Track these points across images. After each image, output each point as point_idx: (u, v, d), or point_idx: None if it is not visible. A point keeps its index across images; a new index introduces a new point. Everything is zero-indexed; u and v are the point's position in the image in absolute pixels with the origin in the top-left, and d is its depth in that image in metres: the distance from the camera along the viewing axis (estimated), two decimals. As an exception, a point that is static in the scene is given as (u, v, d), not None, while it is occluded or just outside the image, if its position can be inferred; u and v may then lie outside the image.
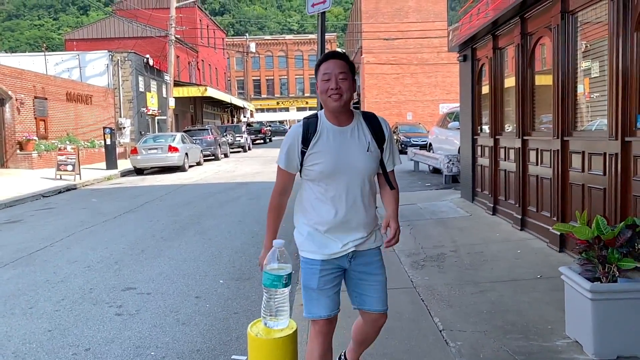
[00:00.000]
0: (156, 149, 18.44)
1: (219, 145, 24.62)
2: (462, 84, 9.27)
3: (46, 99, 19.72)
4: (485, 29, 7.21)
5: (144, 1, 37.94)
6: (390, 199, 2.51)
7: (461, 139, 9.57)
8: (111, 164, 18.92)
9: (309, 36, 70.51)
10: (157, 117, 29.30)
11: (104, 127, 20.14)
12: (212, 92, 34.29)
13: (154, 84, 29.21)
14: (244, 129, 33.34)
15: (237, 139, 30.64)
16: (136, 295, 4.92)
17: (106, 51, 26.52)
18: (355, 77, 2.37)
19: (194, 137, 22.40)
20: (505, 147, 7.15)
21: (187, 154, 19.16)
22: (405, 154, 17.21)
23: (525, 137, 6.34)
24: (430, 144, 15.91)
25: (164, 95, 29.26)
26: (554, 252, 5.34)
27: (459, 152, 10.51)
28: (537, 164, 6.05)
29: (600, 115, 4.85)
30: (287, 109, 69.78)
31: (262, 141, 41.53)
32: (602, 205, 4.59)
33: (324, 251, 2.34)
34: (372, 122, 2.41)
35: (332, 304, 2.36)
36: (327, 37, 5.80)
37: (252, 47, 59.68)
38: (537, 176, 6.04)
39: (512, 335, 3.43)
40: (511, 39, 6.70)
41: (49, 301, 4.82)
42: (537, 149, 6.04)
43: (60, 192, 13.56)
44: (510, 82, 7.01)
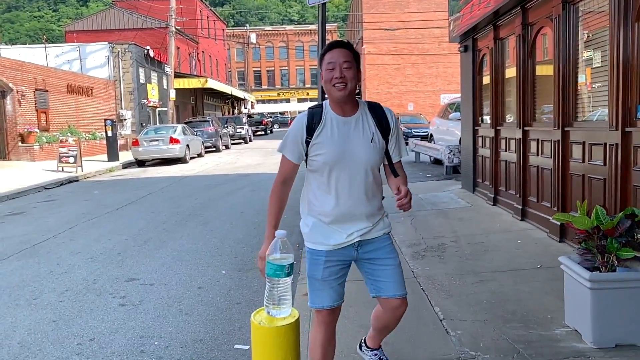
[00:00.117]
0: (157, 140, 18.46)
1: (220, 136, 24.62)
2: (463, 74, 9.25)
3: (47, 91, 19.71)
4: (486, 19, 7.19)
5: (143, -8, 37.78)
6: (397, 180, 2.40)
7: (462, 130, 9.58)
8: (112, 155, 18.97)
9: (310, 27, 70.18)
10: (158, 109, 29.29)
11: (105, 119, 20.15)
12: (213, 84, 34.25)
13: (154, 76, 29.16)
14: (244, 120, 33.34)
15: (238, 130, 30.63)
16: (139, 286, 4.97)
17: (106, 43, 26.47)
18: (359, 67, 2.34)
19: (195, 129, 22.40)
20: (506, 138, 7.15)
21: (188, 145, 19.18)
22: (406, 144, 17.18)
23: (526, 128, 6.35)
24: (431, 135, 15.90)
25: (165, 86, 29.23)
26: (554, 242, 5.37)
27: (460, 142, 10.51)
28: (537, 155, 6.06)
29: (601, 105, 4.85)
30: (288, 100, 69.64)
31: (263, 132, 41.54)
32: (602, 195, 4.61)
33: (328, 242, 2.35)
34: (377, 112, 2.39)
35: (336, 295, 2.39)
36: (327, 27, 5.79)
37: (253, 38, 59.46)
38: (537, 167, 6.06)
39: (512, 324, 3.47)
40: (512, 29, 6.68)
41: (53, 292, 4.86)
42: (538, 140, 6.05)
43: (62, 184, 13.60)
44: (511, 72, 7.00)
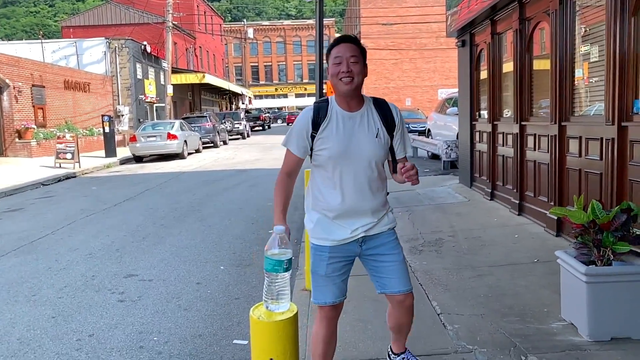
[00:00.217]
0: (155, 136, 18.43)
1: (218, 132, 24.58)
2: (460, 69, 9.26)
3: (44, 87, 19.65)
4: (483, 13, 7.19)
5: (140, -13, 37.61)
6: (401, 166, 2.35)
7: (459, 125, 9.59)
8: (110, 151, 18.92)
9: (307, 22, 69.97)
10: (155, 105, 29.21)
11: (103, 115, 20.10)
12: (210, 79, 34.17)
13: (151, 71, 29.08)
14: (242, 115, 33.27)
15: (236, 125, 30.56)
16: (138, 281, 4.98)
17: (103, 38, 26.36)
18: (366, 62, 2.35)
19: (193, 125, 22.36)
20: (503, 133, 7.17)
21: (186, 141, 19.15)
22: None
23: (523, 123, 6.37)
24: (429, 130, 15.90)
25: (162, 82, 29.16)
26: (551, 237, 5.39)
27: (457, 137, 10.52)
28: (534, 149, 6.08)
29: (598, 100, 4.86)
30: (285, 95, 69.51)
31: (260, 128, 41.46)
32: (598, 189, 4.63)
33: (333, 237, 2.36)
34: (382, 108, 2.40)
35: (338, 292, 2.41)
36: (325, 22, 5.78)
37: (250, 33, 59.32)
38: (534, 161, 6.08)
39: (509, 318, 3.49)
40: (509, 24, 6.68)
41: (52, 288, 4.87)
42: (535, 135, 6.06)
43: (59, 181, 13.59)
44: (508, 67, 7.01)
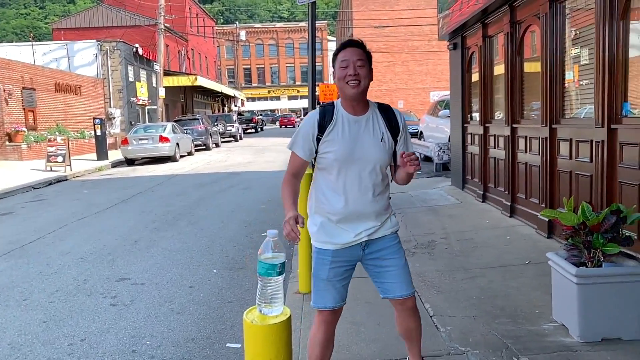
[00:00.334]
0: (147, 139, 18.35)
1: (210, 134, 24.52)
2: (452, 72, 9.31)
3: (34, 90, 19.52)
4: (475, 17, 7.24)
5: (132, -11, 37.48)
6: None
7: (451, 127, 9.64)
8: (102, 154, 18.83)
9: (300, 24, 70.05)
10: (147, 107, 29.11)
11: (94, 118, 20.01)
12: (203, 81, 34.10)
13: (143, 74, 28.98)
14: (235, 118, 33.22)
15: (229, 128, 30.51)
16: (130, 285, 4.96)
17: (94, 41, 26.25)
18: (372, 66, 2.38)
19: (185, 127, 22.28)
20: (494, 135, 7.22)
21: (178, 144, 19.09)
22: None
23: (514, 125, 6.41)
24: (421, 132, 15.96)
25: (154, 84, 29.07)
26: (542, 238, 5.43)
27: (449, 140, 10.57)
28: (526, 152, 6.13)
29: (588, 102, 4.91)
30: (278, 98, 69.52)
31: (253, 130, 41.42)
32: (589, 191, 4.68)
33: (336, 241, 2.37)
34: (387, 113, 2.43)
35: (338, 297, 2.41)
36: (317, 25, 5.80)
37: (242, 35, 59.33)
38: (526, 163, 6.12)
39: (501, 319, 3.51)
40: (500, 27, 6.73)
41: (43, 293, 4.84)
42: (526, 137, 6.11)
43: (50, 184, 13.50)
44: (499, 70, 7.06)
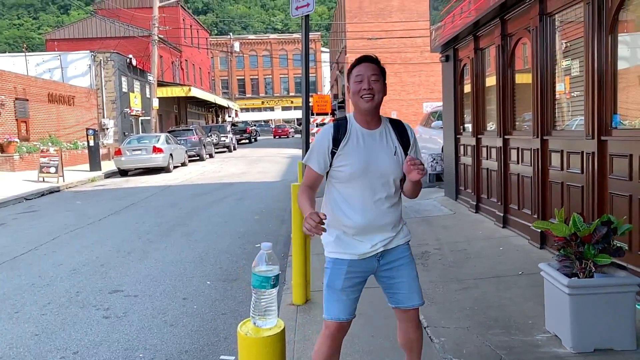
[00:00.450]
0: (140, 150, 18.31)
1: (204, 145, 24.51)
2: (444, 84, 9.39)
3: (27, 100, 19.47)
4: (467, 29, 7.33)
5: (126, 0, 37.60)
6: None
7: (444, 138, 9.70)
8: (95, 165, 18.74)
9: (293, 35, 70.47)
10: (140, 118, 29.07)
11: (87, 128, 19.93)
12: (196, 92, 34.13)
13: (137, 84, 28.98)
14: (228, 128, 33.27)
15: (222, 139, 30.54)
16: (123, 297, 4.93)
17: (88, 51, 26.25)
18: (385, 82, 2.42)
19: (179, 138, 22.28)
20: (487, 146, 7.27)
21: (171, 154, 19.06)
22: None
23: (506, 137, 6.47)
24: (414, 143, 16.02)
25: (148, 95, 29.05)
26: (535, 249, 5.47)
27: (442, 151, 10.63)
28: (518, 163, 6.18)
29: (579, 114, 4.97)
30: (272, 109, 69.70)
31: (247, 141, 41.43)
32: (580, 202, 4.72)
33: (353, 251, 2.39)
34: (398, 127, 2.48)
35: (350, 309, 2.42)
36: (311, 36, 5.85)
37: (236, 46, 59.46)
38: (518, 174, 6.17)
39: (494, 330, 3.53)
40: (492, 40, 6.82)
41: (35, 305, 4.80)
42: (518, 148, 6.17)
43: (43, 195, 13.41)
44: (491, 81, 7.13)
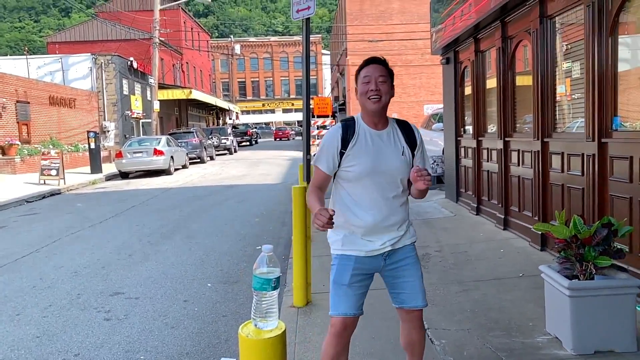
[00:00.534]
0: (141, 152, 18.33)
1: (205, 147, 24.52)
2: (445, 86, 9.40)
3: (28, 103, 19.50)
4: (467, 32, 7.34)
5: (127, 3, 37.70)
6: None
7: (445, 141, 9.71)
8: (96, 168, 18.75)
9: (294, 38, 70.55)
10: (141, 120, 29.09)
11: (88, 131, 19.94)
12: (197, 95, 34.15)
13: (138, 87, 29.02)
14: (229, 131, 33.26)
15: (223, 141, 30.53)
16: (124, 299, 4.94)
17: (89, 54, 26.29)
18: (393, 83, 2.44)
19: (179, 140, 22.29)
20: (487, 148, 7.28)
21: (172, 157, 19.07)
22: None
23: (507, 139, 6.48)
24: (415, 145, 16.02)
25: (149, 98, 29.08)
26: (535, 251, 5.47)
27: (443, 153, 10.64)
28: (518, 165, 6.19)
29: (579, 116, 4.98)
30: (272, 111, 69.74)
31: (248, 143, 41.45)
32: (580, 204, 4.72)
33: (361, 248, 2.42)
34: (405, 128, 2.51)
35: (357, 304, 2.44)
36: (311, 39, 5.85)
37: (237, 49, 59.59)
38: (518, 177, 6.18)
39: (495, 332, 3.53)
40: (492, 42, 6.83)
41: (36, 307, 4.81)
42: (519, 150, 6.17)
43: (44, 197, 13.43)
44: (492, 84, 7.15)
